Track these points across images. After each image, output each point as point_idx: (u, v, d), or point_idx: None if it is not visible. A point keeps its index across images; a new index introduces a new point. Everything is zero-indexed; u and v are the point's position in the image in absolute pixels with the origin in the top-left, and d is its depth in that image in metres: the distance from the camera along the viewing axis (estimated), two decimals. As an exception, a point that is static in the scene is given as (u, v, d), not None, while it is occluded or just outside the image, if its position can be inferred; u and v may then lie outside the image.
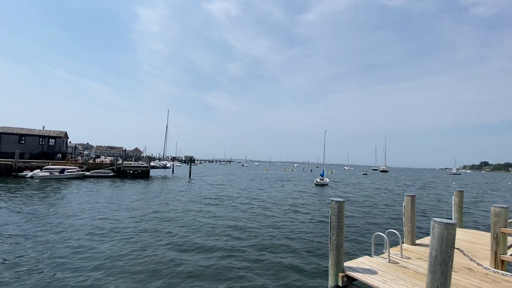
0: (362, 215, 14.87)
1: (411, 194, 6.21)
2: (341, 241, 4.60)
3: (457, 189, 8.16)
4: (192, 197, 19.64)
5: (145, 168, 38.88)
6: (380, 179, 55.06)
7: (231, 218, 13.01)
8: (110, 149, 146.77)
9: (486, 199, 26.08)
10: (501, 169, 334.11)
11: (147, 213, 13.60)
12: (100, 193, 20.18)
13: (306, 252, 8.49)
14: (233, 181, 35.90)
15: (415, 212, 6.22)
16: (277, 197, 21.40)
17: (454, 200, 8.10)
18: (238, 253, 8.26)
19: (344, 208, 4.67)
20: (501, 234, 4.80)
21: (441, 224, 3.20)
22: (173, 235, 9.84)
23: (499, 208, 4.83)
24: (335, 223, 4.61)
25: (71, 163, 36.62)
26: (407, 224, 6.21)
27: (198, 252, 8.23)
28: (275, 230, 11.24)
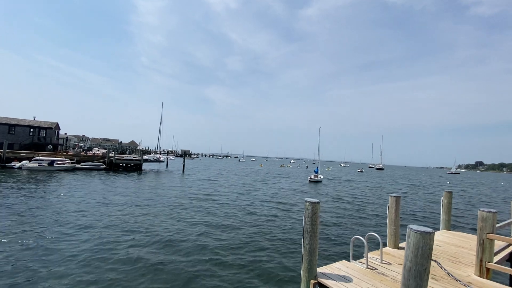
0: (350, 215, 14.46)
1: (396, 195, 5.84)
2: (314, 245, 4.22)
3: (446, 189, 7.82)
4: (177, 193, 18.91)
5: (137, 161, 38.34)
6: (374, 177, 55.02)
7: (208, 216, 12.35)
8: (106, 142, 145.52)
9: (490, 201, 26.00)
10: (495, 169, 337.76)
11: (124, 208, 13.15)
12: (85, 186, 19.70)
13: (281, 256, 7.92)
14: (225, 177, 35.47)
15: (399, 214, 5.86)
16: (265, 194, 20.87)
17: (442, 201, 7.77)
18: (202, 255, 7.63)
19: (319, 210, 4.28)
20: (488, 240, 4.45)
21: (417, 232, 2.82)
22: (138, 233, 9.34)
23: (486, 212, 4.48)
24: (309, 226, 4.22)
25: (61, 154, 35.93)
26: (390, 226, 5.86)
27: (157, 253, 7.55)
28: (252, 230, 10.58)
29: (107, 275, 6.07)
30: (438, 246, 6.11)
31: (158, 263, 6.89)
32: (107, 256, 7.17)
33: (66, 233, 8.86)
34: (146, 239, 8.66)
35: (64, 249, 7.44)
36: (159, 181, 26.07)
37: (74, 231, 9.14)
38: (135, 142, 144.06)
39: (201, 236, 9.36)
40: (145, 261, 6.95)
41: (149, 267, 6.62)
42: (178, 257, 7.34)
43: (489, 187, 46.77)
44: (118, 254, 7.29)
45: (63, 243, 7.92)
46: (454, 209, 17.99)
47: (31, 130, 38.33)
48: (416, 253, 2.81)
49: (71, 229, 9.33)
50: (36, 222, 9.87)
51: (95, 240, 8.36)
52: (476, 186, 45.61)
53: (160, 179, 28.68)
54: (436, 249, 5.89)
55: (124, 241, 8.40)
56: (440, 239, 6.75)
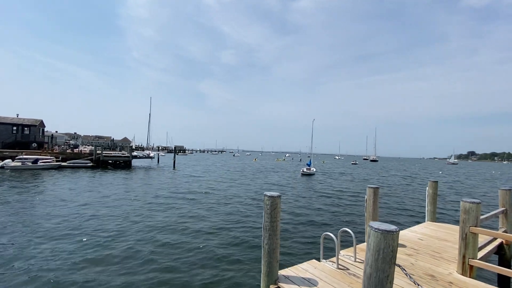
0: (334, 210, 13.68)
1: (374, 186, 5.32)
2: (274, 245, 3.67)
3: (431, 179, 7.37)
4: (153, 191, 17.52)
5: (126, 158, 37.44)
6: (367, 169, 55.03)
7: (168, 217, 10.98)
8: (98, 139, 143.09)
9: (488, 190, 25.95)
10: (487, 158, 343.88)
11: (80, 209, 12.46)
12: (66, 185, 18.92)
13: (248, 259, 7.00)
14: (215, 172, 34.79)
15: (378, 206, 5.35)
16: (249, 190, 19.46)
17: (428, 191, 7.31)
18: (160, 255, 6.93)
19: (280, 204, 3.72)
20: (471, 234, 3.96)
21: (378, 231, 2.27)
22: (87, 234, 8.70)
23: (469, 203, 3.97)
24: (268, 223, 3.66)
25: (46, 152, 34.83)
26: (368, 220, 5.35)
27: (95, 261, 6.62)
28: (223, 230, 9.40)
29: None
30: (420, 240, 5.64)
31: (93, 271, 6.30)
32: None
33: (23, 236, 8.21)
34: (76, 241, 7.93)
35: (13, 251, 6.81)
36: (144, 178, 25.25)
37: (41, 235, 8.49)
38: (128, 138, 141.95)
39: (156, 241, 8.08)
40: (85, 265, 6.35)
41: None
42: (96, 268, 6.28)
43: (488, 176, 47.10)
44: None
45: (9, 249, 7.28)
46: (451, 201, 17.72)
47: (14, 128, 36.98)
48: (377, 256, 2.26)
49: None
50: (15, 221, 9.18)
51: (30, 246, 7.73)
52: (472, 176, 45.86)
53: (146, 176, 27.90)
54: (418, 244, 5.43)
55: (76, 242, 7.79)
56: (424, 231, 6.29)
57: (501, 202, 5.82)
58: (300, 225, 10.48)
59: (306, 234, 9.27)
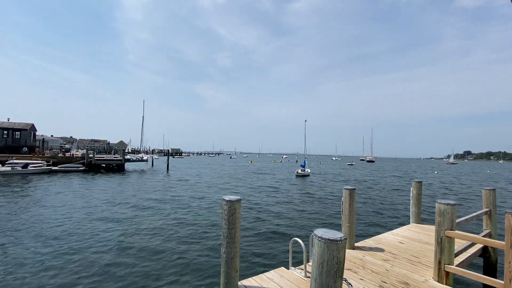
0: (324, 211, 13.35)
1: (350, 187, 5.06)
2: (233, 254, 3.38)
3: (415, 180, 7.13)
4: (126, 197, 15.99)
5: (118, 161, 37.00)
6: (363, 170, 54.92)
7: (130, 226, 9.93)
8: (94, 142, 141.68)
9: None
10: (483, 157, 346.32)
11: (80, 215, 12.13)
12: (51, 190, 18.50)
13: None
14: (208, 175, 34.21)
15: (354, 209, 5.09)
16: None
17: (412, 192, 7.07)
18: (118, 268, 6.33)
19: (239, 209, 3.44)
20: (447, 238, 3.71)
21: (321, 240, 1.99)
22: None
23: (444, 204, 3.72)
24: (225, 230, 3.38)
25: (37, 157, 34.31)
26: (345, 223, 5.09)
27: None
28: (195, 243, 8.24)
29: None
30: (400, 244, 5.38)
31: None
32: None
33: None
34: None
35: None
36: (132, 182, 24.57)
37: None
38: (123, 142, 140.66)
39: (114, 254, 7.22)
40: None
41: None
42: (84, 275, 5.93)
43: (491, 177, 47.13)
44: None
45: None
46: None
47: (4, 132, 36.43)
48: (321, 269, 1.99)
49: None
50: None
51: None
52: (467, 175, 45.87)
53: (135, 180, 27.32)
54: (398, 248, 5.16)
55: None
56: (406, 234, 6.04)
57: (484, 202, 5.59)
58: (283, 228, 10.12)
59: (287, 238, 8.90)
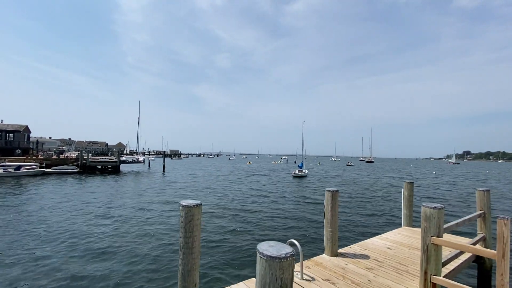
0: (315, 219, 11.98)
1: (333, 189, 4.67)
2: (190, 266, 2.99)
3: (407, 180, 6.75)
4: (101, 204, 14.29)
5: (113, 163, 36.56)
6: (361, 170, 54.53)
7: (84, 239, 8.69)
8: (92, 144, 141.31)
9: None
10: (482, 157, 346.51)
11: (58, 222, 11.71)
12: (36, 193, 18.08)
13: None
14: (203, 177, 33.44)
15: (337, 212, 4.70)
16: (226, 198, 17.03)
17: (403, 194, 6.69)
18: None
19: (199, 216, 3.05)
20: (433, 246, 3.32)
21: (263, 257, 1.60)
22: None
23: (430, 208, 3.34)
24: (182, 239, 3.00)
25: (30, 159, 33.87)
26: (326, 228, 4.69)
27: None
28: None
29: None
30: (388, 250, 4.99)
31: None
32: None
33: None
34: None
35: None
36: (122, 185, 24.07)
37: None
38: (122, 143, 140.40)
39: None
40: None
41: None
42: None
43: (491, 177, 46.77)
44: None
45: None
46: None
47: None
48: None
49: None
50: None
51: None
52: (467, 175, 45.51)
53: (128, 181, 26.87)
54: (385, 254, 4.77)
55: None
56: (396, 239, 5.65)
57: (478, 204, 5.21)
58: (262, 237, 9.43)
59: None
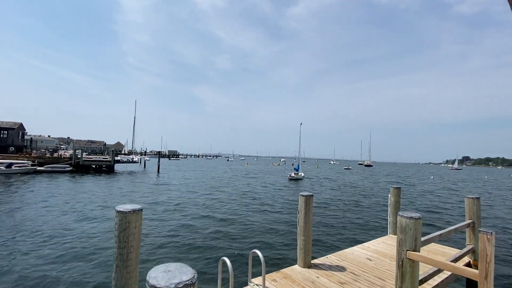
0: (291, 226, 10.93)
1: (307, 194, 4.27)
2: (124, 281, 2.58)
3: (394, 185, 6.35)
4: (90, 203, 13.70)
5: (107, 162, 36.14)
6: (359, 174, 54.08)
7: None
8: (90, 143, 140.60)
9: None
10: (481, 163, 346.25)
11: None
12: (24, 191, 17.64)
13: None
14: (196, 178, 32.71)
15: (311, 219, 4.29)
16: (213, 200, 16.13)
17: (390, 199, 6.29)
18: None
19: (138, 223, 2.65)
20: (409, 261, 2.91)
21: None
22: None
23: (406, 218, 2.94)
24: (116, 250, 2.59)
25: (23, 157, 33.46)
26: (299, 236, 4.28)
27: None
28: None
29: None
30: (368, 261, 4.58)
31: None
32: None
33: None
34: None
35: None
36: (112, 185, 23.70)
37: None
38: (121, 143, 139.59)
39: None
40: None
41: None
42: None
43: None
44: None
45: None
46: (431, 211, 16.69)
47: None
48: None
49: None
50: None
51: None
52: (466, 181, 45.06)
53: (118, 181, 26.42)
54: (364, 266, 4.36)
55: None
56: (378, 248, 5.24)
57: (467, 213, 4.81)
58: (235, 250, 8.92)
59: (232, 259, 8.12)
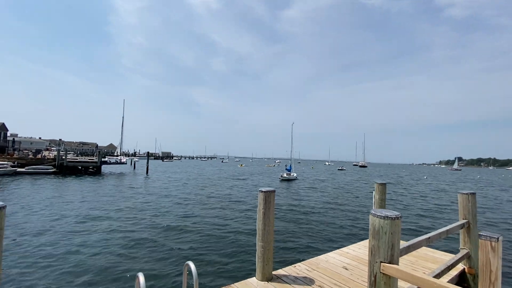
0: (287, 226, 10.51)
1: (267, 189, 3.48)
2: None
3: (378, 181, 5.61)
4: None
5: (93, 163, 34.91)
6: (352, 175, 53.62)
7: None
8: (82, 145, 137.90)
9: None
10: (473, 164, 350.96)
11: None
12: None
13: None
14: (185, 180, 31.35)
15: (273, 221, 3.51)
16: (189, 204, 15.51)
17: (374, 197, 5.55)
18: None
19: (2, 219, 1.83)
20: (383, 276, 2.15)
21: None
22: None
23: (379, 218, 2.17)
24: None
25: (4, 158, 32.10)
26: (258, 242, 3.49)
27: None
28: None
29: None
30: (344, 270, 3.80)
31: None
32: None
33: None
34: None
35: None
36: (89, 188, 22.47)
37: None
38: (113, 145, 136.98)
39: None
40: None
41: None
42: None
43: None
44: None
45: None
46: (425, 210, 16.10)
47: (-30, 131, 34.19)
48: None
49: None
50: None
51: None
52: (462, 182, 44.88)
53: (97, 184, 25.41)
54: (338, 277, 3.58)
55: None
56: (358, 253, 4.47)
57: (461, 212, 4.08)
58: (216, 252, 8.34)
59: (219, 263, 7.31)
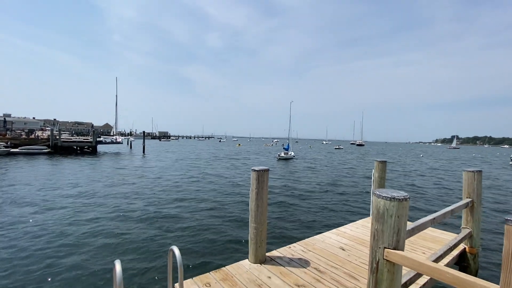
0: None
1: (260, 168, 3.20)
2: None
3: (378, 159, 5.36)
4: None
5: (88, 143, 34.48)
6: (349, 153, 53.90)
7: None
8: (77, 125, 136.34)
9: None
10: (469, 142, 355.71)
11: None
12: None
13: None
14: (181, 161, 30.90)
15: (266, 201, 3.27)
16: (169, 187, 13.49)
17: (373, 175, 5.34)
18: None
19: None
20: (387, 263, 1.93)
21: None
22: None
23: (385, 199, 1.91)
24: None
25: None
26: (251, 223, 3.28)
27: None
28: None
29: None
30: (341, 251, 3.65)
31: None
32: None
33: None
34: None
35: None
36: (82, 168, 22.30)
37: None
38: (109, 124, 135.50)
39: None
40: None
41: None
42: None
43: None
44: None
45: None
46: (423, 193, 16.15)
47: (-41, 111, 33.17)
48: None
49: None
50: None
51: None
52: (458, 159, 45.31)
53: (92, 164, 25.19)
54: (335, 258, 3.43)
55: None
56: (356, 233, 4.33)
57: (465, 190, 3.87)
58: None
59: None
